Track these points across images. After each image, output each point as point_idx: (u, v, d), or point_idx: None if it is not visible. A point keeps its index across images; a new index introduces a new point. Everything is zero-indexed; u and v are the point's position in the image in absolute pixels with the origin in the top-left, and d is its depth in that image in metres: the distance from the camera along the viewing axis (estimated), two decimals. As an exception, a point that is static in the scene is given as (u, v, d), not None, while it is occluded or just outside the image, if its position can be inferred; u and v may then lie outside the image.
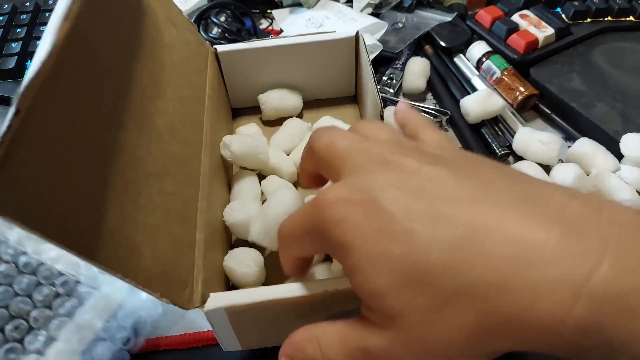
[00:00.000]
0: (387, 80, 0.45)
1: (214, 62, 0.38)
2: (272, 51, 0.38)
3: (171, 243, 0.24)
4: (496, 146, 0.39)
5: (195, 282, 0.25)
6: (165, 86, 0.28)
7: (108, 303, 0.30)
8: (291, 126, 0.39)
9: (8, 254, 0.31)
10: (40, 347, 0.28)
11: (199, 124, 0.32)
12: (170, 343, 0.30)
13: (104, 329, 0.29)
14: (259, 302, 0.23)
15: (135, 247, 0.21)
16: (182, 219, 0.26)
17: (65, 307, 0.29)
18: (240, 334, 0.26)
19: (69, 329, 0.29)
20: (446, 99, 0.44)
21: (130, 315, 0.30)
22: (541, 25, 0.45)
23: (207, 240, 0.28)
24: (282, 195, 0.28)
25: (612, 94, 0.41)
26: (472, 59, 0.46)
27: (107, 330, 0.29)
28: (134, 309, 0.30)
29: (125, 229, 0.21)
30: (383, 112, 0.31)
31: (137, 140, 0.24)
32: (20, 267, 0.30)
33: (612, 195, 0.35)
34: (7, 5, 0.53)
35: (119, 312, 0.30)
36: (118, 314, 0.30)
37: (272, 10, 0.54)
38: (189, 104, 0.31)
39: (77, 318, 0.29)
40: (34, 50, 0.49)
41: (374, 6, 0.52)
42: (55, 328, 0.29)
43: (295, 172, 0.37)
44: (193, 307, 0.24)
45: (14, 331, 0.28)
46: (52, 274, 0.31)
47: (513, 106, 0.42)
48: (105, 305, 0.30)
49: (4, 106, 0.46)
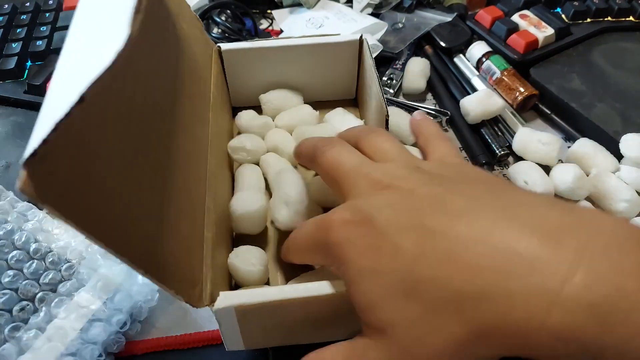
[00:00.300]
0: (387, 80, 0.46)
1: (217, 60, 0.38)
2: (276, 51, 0.38)
3: (182, 241, 0.24)
4: (496, 146, 0.39)
5: (204, 280, 0.25)
6: (178, 82, 0.28)
7: (106, 285, 0.31)
8: (302, 112, 0.39)
9: (21, 242, 0.33)
10: (41, 323, 0.29)
11: (205, 122, 0.32)
12: (170, 343, 0.30)
13: (101, 310, 0.30)
14: (268, 302, 0.23)
15: (154, 244, 0.21)
16: (192, 217, 0.26)
17: (66, 287, 0.31)
18: (246, 333, 0.26)
19: (68, 307, 0.30)
20: (446, 99, 0.44)
21: (127, 299, 0.31)
22: (541, 25, 0.45)
23: (214, 238, 0.28)
24: (291, 177, 0.31)
25: (612, 94, 0.41)
26: (472, 59, 0.46)
27: (104, 312, 0.30)
28: (130, 293, 0.31)
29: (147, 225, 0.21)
30: (388, 117, 0.32)
31: (164, 136, 0.24)
32: (31, 254, 0.33)
33: (611, 195, 0.35)
34: (7, 5, 0.53)
35: (117, 295, 0.31)
36: (115, 297, 0.31)
37: (272, 11, 0.54)
38: (196, 101, 0.31)
39: (76, 297, 0.30)
40: (34, 50, 0.48)
41: (374, 6, 0.52)
42: (55, 306, 0.30)
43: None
44: (203, 306, 0.24)
45: (20, 312, 0.30)
46: (59, 259, 0.32)
47: (513, 106, 0.42)
48: (103, 287, 0.31)
49: (4, 106, 0.46)
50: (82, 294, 0.30)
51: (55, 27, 0.51)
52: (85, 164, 0.17)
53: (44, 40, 0.49)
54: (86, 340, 0.29)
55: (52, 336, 0.28)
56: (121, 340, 0.30)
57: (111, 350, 0.29)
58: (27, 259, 0.32)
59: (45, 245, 0.33)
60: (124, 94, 0.19)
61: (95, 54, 0.16)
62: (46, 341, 0.28)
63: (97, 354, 0.29)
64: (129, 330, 0.30)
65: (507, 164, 0.40)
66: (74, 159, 0.16)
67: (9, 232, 0.33)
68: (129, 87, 0.19)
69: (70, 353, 0.28)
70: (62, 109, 0.14)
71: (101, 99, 0.16)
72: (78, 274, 0.31)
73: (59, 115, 0.14)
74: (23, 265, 0.32)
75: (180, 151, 0.27)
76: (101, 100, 0.16)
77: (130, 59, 0.18)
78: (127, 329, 0.30)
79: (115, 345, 0.30)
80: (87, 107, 0.15)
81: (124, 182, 0.20)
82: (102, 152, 0.18)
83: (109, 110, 0.18)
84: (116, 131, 0.19)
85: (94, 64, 0.15)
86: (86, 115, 0.15)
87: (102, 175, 0.18)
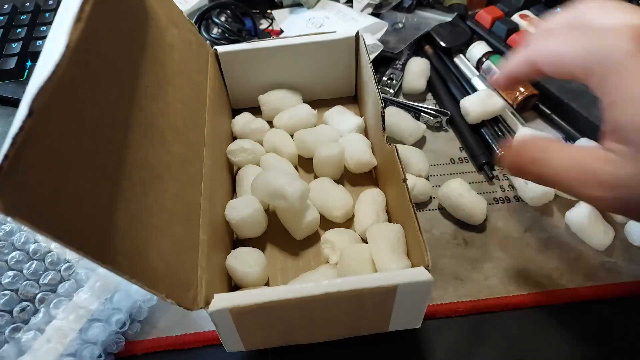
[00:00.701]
0: (387, 80, 0.45)
1: (214, 63, 0.38)
2: (273, 52, 0.38)
3: (175, 244, 0.24)
4: (496, 146, 0.39)
5: (199, 283, 0.25)
6: (167, 87, 0.28)
7: (104, 285, 0.31)
8: (300, 111, 0.39)
9: (20, 242, 0.33)
10: (40, 324, 0.29)
11: (201, 125, 0.32)
12: (170, 343, 0.30)
13: (99, 311, 0.30)
14: (262, 303, 0.23)
15: (141, 248, 0.21)
16: (186, 220, 0.26)
17: (65, 288, 0.31)
18: (244, 334, 0.26)
19: (66, 308, 0.30)
20: (446, 99, 0.44)
21: (126, 299, 0.31)
22: (541, 25, 0.45)
23: (210, 240, 0.28)
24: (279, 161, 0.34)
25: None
26: (472, 60, 0.46)
27: (103, 312, 0.30)
28: (129, 292, 0.31)
29: (132, 230, 0.21)
30: (384, 113, 0.31)
31: (141, 141, 0.24)
32: (30, 254, 0.33)
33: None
34: (7, 5, 0.53)
35: (115, 294, 0.31)
36: (114, 297, 0.31)
37: (272, 11, 0.54)
38: (190, 105, 0.31)
39: (75, 298, 0.30)
40: (34, 50, 0.49)
41: (374, 6, 0.52)
42: (54, 307, 0.30)
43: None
44: (198, 309, 0.24)
45: (21, 313, 0.30)
46: (59, 260, 0.33)
47: (513, 106, 0.42)
48: (102, 287, 0.31)
49: (4, 106, 0.46)
50: (80, 294, 0.30)
51: (55, 27, 0.51)
52: (54, 174, 0.17)
53: (44, 41, 0.49)
54: (85, 340, 0.29)
55: (51, 337, 0.28)
56: (121, 341, 0.30)
57: (111, 351, 0.29)
58: (26, 260, 0.32)
59: (44, 246, 0.33)
60: (79, 101, 0.19)
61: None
62: (45, 342, 0.28)
63: (96, 354, 0.29)
64: (129, 330, 0.30)
65: (507, 164, 0.40)
66: (41, 170, 0.16)
67: (9, 232, 0.33)
68: (84, 94, 0.19)
69: (70, 353, 0.28)
70: (17, 124, 0.15)
71: (51, 109, 0.16)
72: (76, 274, 0.32)
73: (14, 130, 0.14)
74: (23, 266, 0.32)
75: (171, 155, 0.27)
76: (52, 110, 0.17)
77: (79, 66, 0.18)
78: (126, 329, 0.30)
79: (115, 346, 0.30)
80: (40, 119, 0.15)
81: (100, 190, 0.20)
82: (72, 160, 0.18)
83: (65, 120, 0.18)
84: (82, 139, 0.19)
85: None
86: (41, 127, 0.16)
87: (74, 183, 0.18)
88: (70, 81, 0.18)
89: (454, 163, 0.40)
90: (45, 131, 0.16)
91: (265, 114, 0.40)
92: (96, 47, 0.21)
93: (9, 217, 0.14)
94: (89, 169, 0.19)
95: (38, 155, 0.16)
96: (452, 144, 0.41)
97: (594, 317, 0.31)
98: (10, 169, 0.14)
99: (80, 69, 0.19)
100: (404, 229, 0.29)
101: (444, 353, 0.30)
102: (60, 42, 0.16)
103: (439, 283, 0.32)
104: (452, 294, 0.32)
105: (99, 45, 0.21)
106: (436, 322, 0.31)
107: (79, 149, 0.19)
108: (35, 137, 0.15)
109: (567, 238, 0.34)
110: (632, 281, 0.32)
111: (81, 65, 0.19)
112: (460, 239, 0.35)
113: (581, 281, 0.32)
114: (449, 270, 0.33)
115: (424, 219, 0.36)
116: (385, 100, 0.44)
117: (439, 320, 0.31)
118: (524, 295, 0.31)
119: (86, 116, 0.20)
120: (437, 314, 0.31)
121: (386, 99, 0.44)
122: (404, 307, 0.26)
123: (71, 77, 0.18)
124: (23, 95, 0.17)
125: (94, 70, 0.21)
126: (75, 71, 0.18)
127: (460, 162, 0.40)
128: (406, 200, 0.27)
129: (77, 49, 0.17)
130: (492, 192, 0.38)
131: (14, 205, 0.15)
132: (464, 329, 0.30)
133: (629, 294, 0.31)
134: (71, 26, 0.17)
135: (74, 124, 0.18)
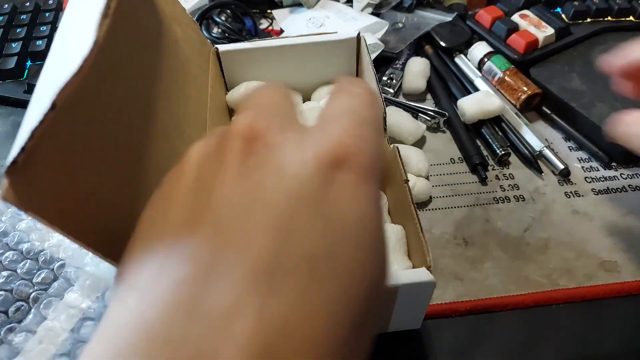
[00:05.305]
0: (387, 80, 0.45)
1: (215, 61, 0.37)
2: (273, 51, 0.38)
3: None
4: (496, 146, 0.39)
5: None
6: (172, 85, 0.28)
7: (94, 283, 0.31)
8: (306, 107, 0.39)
9: (14, 242, 0.33)
10: (30, 325, 0.29)
11: (203, 123, 0.32)
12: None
13: (91, 309, 0.30)
14: None
15: None
16: None
17: (55, 287, 0.31)
18: None
19: (57, 308, 0.30)
20: (445, 100, 0.44)
21: None
22: (541, 25, 0.45)
23: None
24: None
25: (612, 94, 0.41)
26: (473, 60, 0.46)
27: (94, 311, 0.30)
28: None
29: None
30: (385, 114, 0.31)
31: (146, 139, 0.24)
32: (24, 253, 0.33)
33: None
34: (7, 5, 0.53)
35: (106, 292, 0.31)
36: (105, 295, 0.31)
37: (272, 10, 0.54)
38: (193, 103, 0.31)
39: (66, 297, 0.30)
40: (34, 50, 0.48)
41: (374, 6, 0.52)
42: (44, 307, 0.30)
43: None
44: None
45: (16, 313, 0.30)
46: (52, 258, 0.33)
47: (516, 106, 0.42)
48: (92, 285, 0.31)
49: (3, 106, 0.46)
50: (70, 294, 0.30)
51: (55, 27, 0.51)
52: (68, 170, 0.17)
53: (44, 40, 0.49)
54: (78, 339, 0.29)
55: (43, 338, 0.28)
56: None
57: (106, 349, 0.30)
58: (20, 259, 0.32)
59: (37, 245, 0.33)
60: (98, 98, 0.19)
61: (67, 60, 0.16)
62: (37, 343, 0.28)
63: (90, 353, 0.29)
64: None
65: (507, 163, 0.40)
66: (55, 165, 0.16)
67: (2, 233, 0.33)
68: (103, 91, 0.19)
69: (63, 353, 0.28)
70: (37, 117, 0.14)
71: (73, 104, 0.16)
72: (66, 272, 0.32)
73: (33, 123, 0.14)
74: (17, 265, 0.32)
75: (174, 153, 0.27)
76: (73, 105, 0.16)
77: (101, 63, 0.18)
78: None
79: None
80: (61, 113, 0.15)
81: (111, 187, 0.19)
82: (85, 156, 0.18)
83: (83, 115, 0.18)
84: (96, 135, 0.19)
85: (65, 70, 0.15)
86: (61, 121, 0.15)
87: (87, 180, 0.18)
88: (92, 77, 0.18)
89: (453, 163, 0.40)
90: (65, 126, 0.16)
91: (265, 114, 0.40)
92: (119, 44, 0.21)
93: (23, 211, 0.14)
94: (104, 166, 0.19)
95: (55, 150, 0.16)
96: (451, 144, 0.42)
97: (595, 317, 0.31)
98: (27, 162, 0.14)
99: (104, 65, 0.19)
100: (404, 230, 0.29)
101: (444, 353, 0.30)
102: (88, 38, 0.16)
103: (439, 283, 0.32)
104: (452, 294, 0.32)
105: (121, 42, 0.21)
106: (436, 321, 0.31)
107: (92, 145, 0.18)
108: (55, 132, 0.15)
109: (567, 238, 0.34)
110: (632, 281, 0.32)
111: (104, 61, 0.19)
112: (460, 238, 0.35)
113: (581, 281, 0.32)
114: (449, 270, 0.33)
115: (424, 219, 0.36)
116: (385, 100, 0.44)
117: (439, 320, 0.31)
118: (524, 295, 0.31)
119: (105, 113, 0.20)
120: (436, 314, 0.31)
121: (386, 98, 0.44)
122: (405, 308, 0.26)
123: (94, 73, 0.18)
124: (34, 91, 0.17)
125: (114, 67, 0.21)
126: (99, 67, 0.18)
127: (460, 162, 0.40)
128: (407, 201, 0.27)
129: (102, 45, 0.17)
130: (492, 192, 0.38)
131: (29, 200, 0.14)
132: (463, 329, 0.31)
133: (629, 294, 0.31)
134: (99, 22, 0.17)
135: (92, 120, 0.18)
